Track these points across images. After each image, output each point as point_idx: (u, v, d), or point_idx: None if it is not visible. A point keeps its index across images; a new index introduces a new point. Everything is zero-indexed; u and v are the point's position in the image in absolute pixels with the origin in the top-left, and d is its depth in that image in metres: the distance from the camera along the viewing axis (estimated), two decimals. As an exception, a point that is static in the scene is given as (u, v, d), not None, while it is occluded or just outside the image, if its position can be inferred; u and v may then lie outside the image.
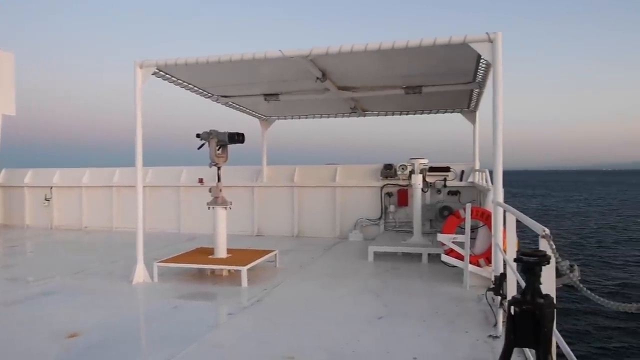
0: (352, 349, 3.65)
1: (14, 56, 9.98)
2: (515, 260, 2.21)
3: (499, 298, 3.94)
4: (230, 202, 6.41)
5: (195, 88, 7.61)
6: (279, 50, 5.36)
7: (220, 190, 6.35)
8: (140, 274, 5.83)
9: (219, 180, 6.39)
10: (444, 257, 5.90)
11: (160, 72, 6.28)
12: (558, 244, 2.42)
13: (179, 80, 6.93)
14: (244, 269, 5.65)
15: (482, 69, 6.18)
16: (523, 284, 2.16)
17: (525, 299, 2.06)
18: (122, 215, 10.96)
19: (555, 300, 2.12)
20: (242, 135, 6.37)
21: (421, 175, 7.95)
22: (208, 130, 6.26)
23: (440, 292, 5.27)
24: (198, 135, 6.32)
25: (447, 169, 9.36)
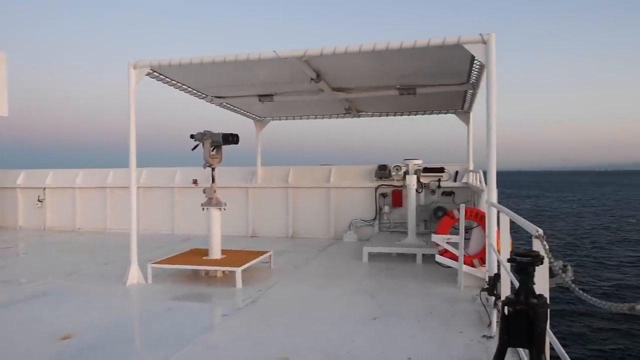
0: (346, 350, 3.66)
1: (6, 56, 9.89)
2: (509, 261, 2.22)
3: (493, 298, 3.96)
4: (225, 203, 6.40)
5: (189, 89, 7.58)
6: (273, 51, 5.36)
7: (215, 191, 6.34)
8: (134, 275, 5.81)
9: (213, 181, 6.39)
10: (438, 258, 5.91)
11: (155, 73, 6.26)
12: (552, 244, 2.43)
13: (173, 81, 6.91)
14: (238, 270, 5.64)
15: (476, 70, 6.21)
16: (517, 284, 2.17)
17: (519, 299, 2.08)
18: (116, 216, 10.93)
19: (548, 301, 2.13)
20: (237, 136, 6.36)
21: (415, 176, 7.99)
22: (202, 131, 6.25)
23: (435, 293, 5.29)
24: (192, 136, 6.30)
25: (441, 169, 9.39)
